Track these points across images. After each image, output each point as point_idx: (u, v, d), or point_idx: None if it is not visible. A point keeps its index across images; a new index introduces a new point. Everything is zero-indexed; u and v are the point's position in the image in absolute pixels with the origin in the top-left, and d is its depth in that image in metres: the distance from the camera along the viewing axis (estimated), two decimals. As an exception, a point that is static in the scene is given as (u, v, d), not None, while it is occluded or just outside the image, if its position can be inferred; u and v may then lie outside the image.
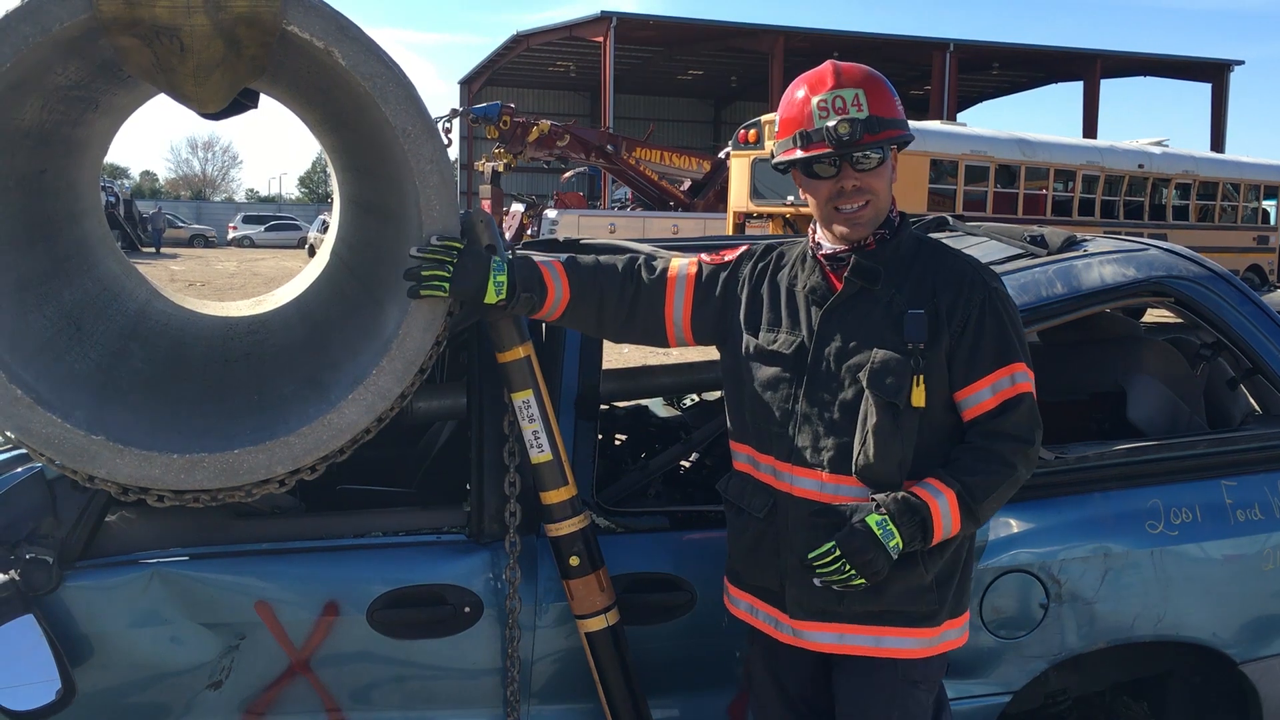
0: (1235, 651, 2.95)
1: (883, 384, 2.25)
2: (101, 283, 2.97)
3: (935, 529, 2.24)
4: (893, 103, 2.33)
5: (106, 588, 2.51)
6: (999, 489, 2.28)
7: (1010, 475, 2.28)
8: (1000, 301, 2.33)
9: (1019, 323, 2.36)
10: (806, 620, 2.38)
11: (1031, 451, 2.31)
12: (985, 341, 2.29)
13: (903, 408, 2.25)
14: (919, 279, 2.33)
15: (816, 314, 2.37)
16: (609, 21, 35.57)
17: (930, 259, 2.37)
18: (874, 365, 2.27)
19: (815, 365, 2.34)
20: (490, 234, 2.54)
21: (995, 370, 2.29)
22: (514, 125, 21.42)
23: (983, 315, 2.30)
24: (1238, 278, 3.23)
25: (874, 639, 2.35)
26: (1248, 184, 22.35)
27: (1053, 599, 2.81)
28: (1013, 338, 2.31)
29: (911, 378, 2.25)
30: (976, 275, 2.34)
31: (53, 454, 2.28)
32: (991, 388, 2.29)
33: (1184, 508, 2.91)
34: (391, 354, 2.39)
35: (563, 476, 2.57)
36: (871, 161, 2.30)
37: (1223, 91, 41.18)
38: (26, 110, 2.32)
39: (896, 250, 2.36)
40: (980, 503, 2.26)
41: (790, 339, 2.38)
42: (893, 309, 2.31)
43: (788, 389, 2.37)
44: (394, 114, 2.29)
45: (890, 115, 2.31)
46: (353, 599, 2.58)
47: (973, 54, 38.09)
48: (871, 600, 2.31)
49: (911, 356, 2.25)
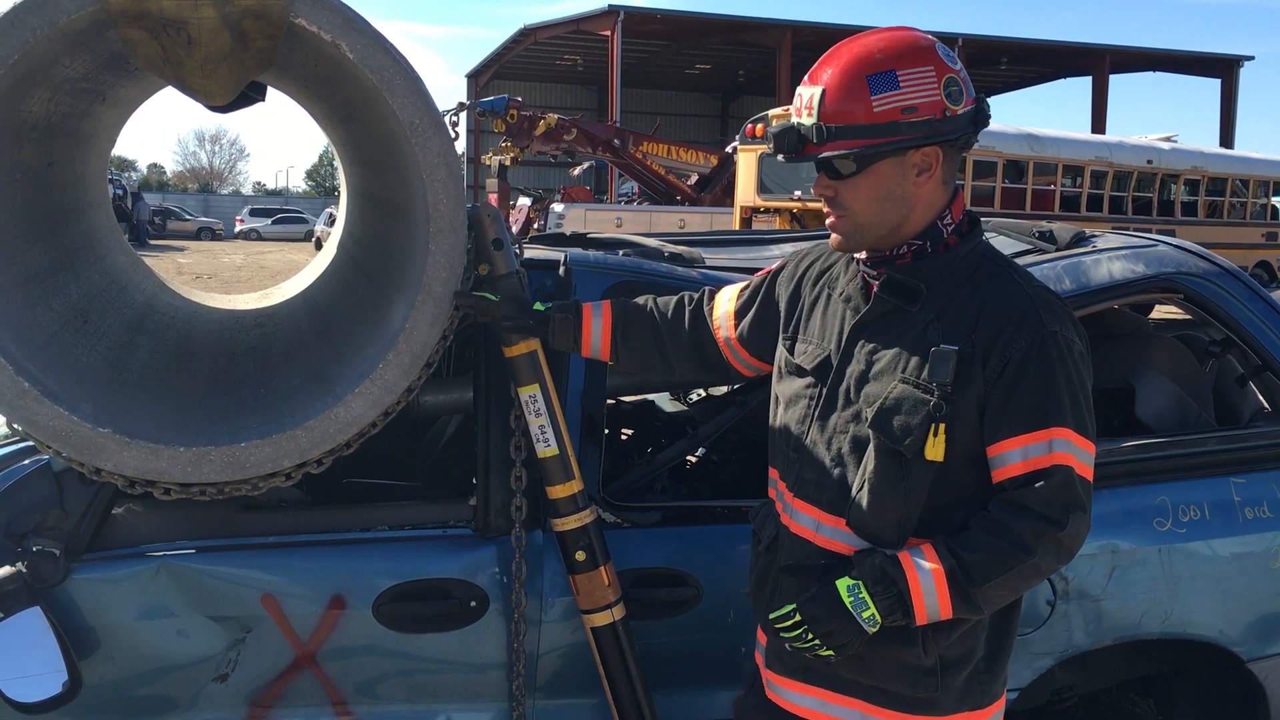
0: (1243, 649, 2.94)
1: (889, 426, 1.94)
2: (109, 275, 2.97)
3: (916, 608, 1.91)
4: (866, 105, 1.90)
5: (113, 580, 2.51)
6: (1006, 575, 1.89)
7: (1024, 561, 1.88)
8: (1057, 349, 1.91)
9: (1078, 380, 1.93)
10: (786, 678, 2.14)
11: (1063, 537, 1.88)
12: (1023, 393, 1.89)
13: (911, 458, 1.93)
14: (964, 305, 1.96)
15: (849, 325, 2.07)
16: (616, 15, 35.50)
17: (986, 282, 1.98)
18: (886, 401, 1.95)
19: (835, 386, 2.06)
20: (497, 228, 2.53)
21: (1030, 431, 1.89)
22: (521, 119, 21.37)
23: (1025, 361, 1.90)
24: (1247, 274, 3.22)
25: (859, 716, 2.05)
26: (1257, 180, 22.29)
27: (1060, 596, 2.80)
28: (1062, 395, 1.90)
29: (929, 425, 1.90)
30: (1031, 312, 1.93)
31: (60, 446, 2.28)
32: (1022, 451, 1.90)
33: (1192, 505, 2.90)
34: (398, 348, 2.38)
35: (569, 471, 2.57)
36: (844, 169, 1.96)
37: (1232, 87, 40.99)
38: (34, 103, 2.32)
39: (947, 266, 1.99)
40: (978, 587, 1.88)
41: (819, 352, 2.11)
42: (926, 338, 1.95)
43: (806, 408, 2.11)
44: (401, 108, 2.28)
45: (851, 121, 1.91)
46: (359, 592, 2.58)
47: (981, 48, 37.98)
48: (858, 670, 2.02)
49: (934, 398, 1.91)
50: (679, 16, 38.61)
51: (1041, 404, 1.90)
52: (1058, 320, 1.94)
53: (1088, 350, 2.00)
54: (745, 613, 2.68)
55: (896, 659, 2.00)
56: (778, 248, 3.80)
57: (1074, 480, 1.90)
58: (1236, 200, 22.01)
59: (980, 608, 1.93)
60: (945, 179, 2.00)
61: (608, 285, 2.80)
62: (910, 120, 1.91)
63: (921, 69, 1.91)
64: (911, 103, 1.91)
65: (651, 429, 4.07)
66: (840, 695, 2.06)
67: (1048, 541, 1.88)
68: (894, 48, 1.93)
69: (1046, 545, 1.88)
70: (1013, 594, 1.95)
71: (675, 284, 2.89)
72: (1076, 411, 1.91)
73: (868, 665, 2.01)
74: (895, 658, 1.99)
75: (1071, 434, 1.90)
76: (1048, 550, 1.89)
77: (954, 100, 1.93)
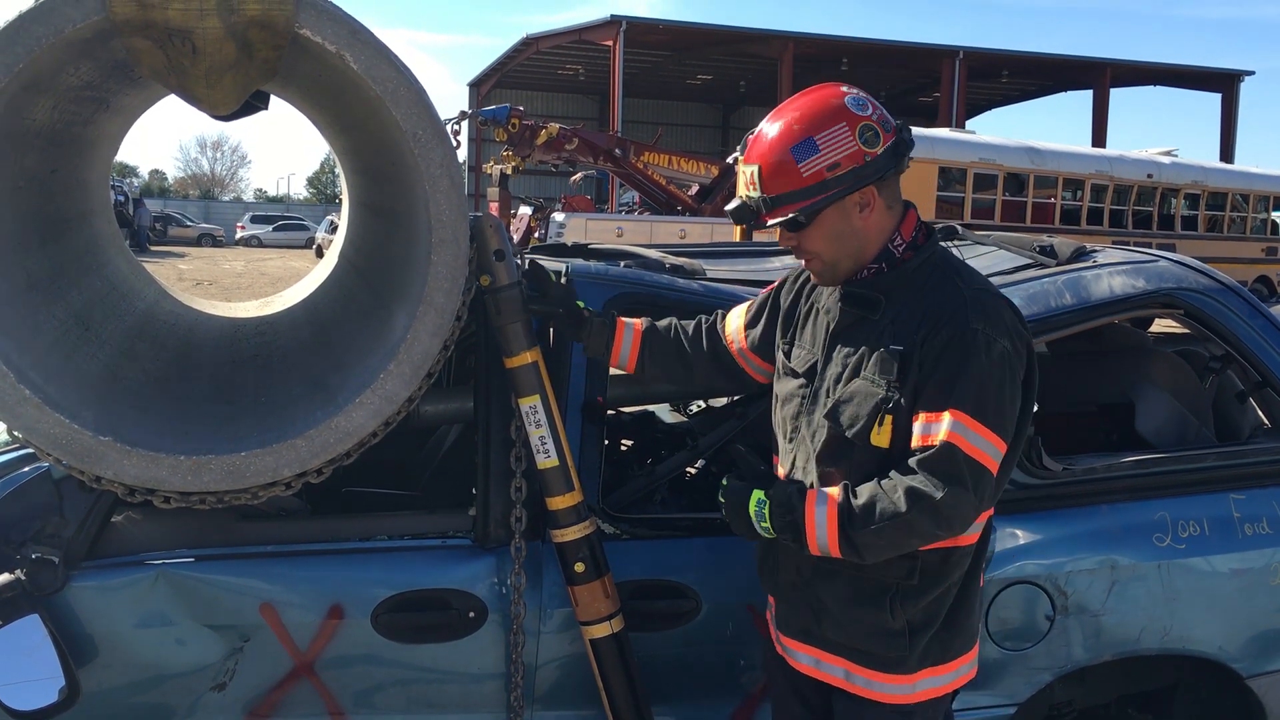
0: (1242, 666, 2.94)
1: (838, 415, 2.23)
2: (110, 282, 2.97)
3: (808, 536, 2.18)
4: (794, 173, 2.17)
5: (112, 588, 2.51)
6: (884, 526, 2.10)
7: (899, 518, 2.08)
8: (975, 344, 2.12)
9: (989, 374, 2.12)
10: (791, 638, 2.41)
11: (939, 505, 2.07)
12: (936, 377, 2.12)
13: (858, 444, 2.20)
14: (913, 309, 2.21)
15: (827, 335, 2.35)
16: (619, 25, 35.55)
17: (935, 288, 2.23)
18: (842, 396, 2.24)
19: (818, 386, 2.33)
20: (499, 238, 2.54)
21: (933, 410, 2.11)
22: (522, 128, 21.39)
23: (944, 351, 2.13)
24: (1247, 290, 3.22)
25: (845, 672, 2.33)
26: (1257, 195, 22.34)
27: (1059, 611, 2.80)
28: (968, 385, 2.10)
29: (877, 414, 2.17)
30: (960, 310, 2.16)
31: (60, 454, 2.28)
32: (923, 426, 2.12)
33: (1191, 521, 2.90)
34: (399, 358, 2.39)
35: (569, 482, 2.57)
36: (795, 226, 2.23)
37: (1233, 102, 41.04)
38: (38, 110, 2.33)
39: (901, 278, 2.25)
40: (858, 530, 2.11)
41: (808, 357, 2.38)
42: (882, 340, 2.21)
43: (798, 406, 2.37)
44: (405, 118, 2.29)
45: (789, 189, 2.18)
46: (358, 602, 2.58)
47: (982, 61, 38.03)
48: (842, 633, 2.30)
49: (883, 392, 2.17)
50: (681, 27, 38.70)
51: (947, 389, 2.11)
52: (984, 319, 2.16)
53: (1020, 352, 2.19)
54: (744, 625, 2.68)
55: (870, 622, 2.26)
56: (778, 260, 3.81)
57: (958, 457, 2.09)
58: (1237, 215, 22.05)
59: (862, 553, 2.14)
60: (889, 205, 2.26)
61: (609, 296, 2.80)
62: (837, 175, 2.18)
63: (835, 128, 2.18)
64: (833, 160, 2.18)
65: (651, 440, 4.06)
66: (830, 654, 2.34)
67: (924, 504, 2.08)
68: (808, 117, 2.20)
69: (922, 507, 2.08)
70: (891, 546, 2.15)
71: (676, 296, 2.89)
72: (979, 401, 2.11)
73: (846, 629, 2.29)
74: (870, 621, 2.26)
75: (966, 418, 2.10)
76: (922, 511, 2.08)
77: (871, 144, 2.19)
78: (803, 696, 2.47)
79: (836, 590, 2.29)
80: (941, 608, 2.29)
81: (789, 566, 2.35)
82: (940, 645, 2.29)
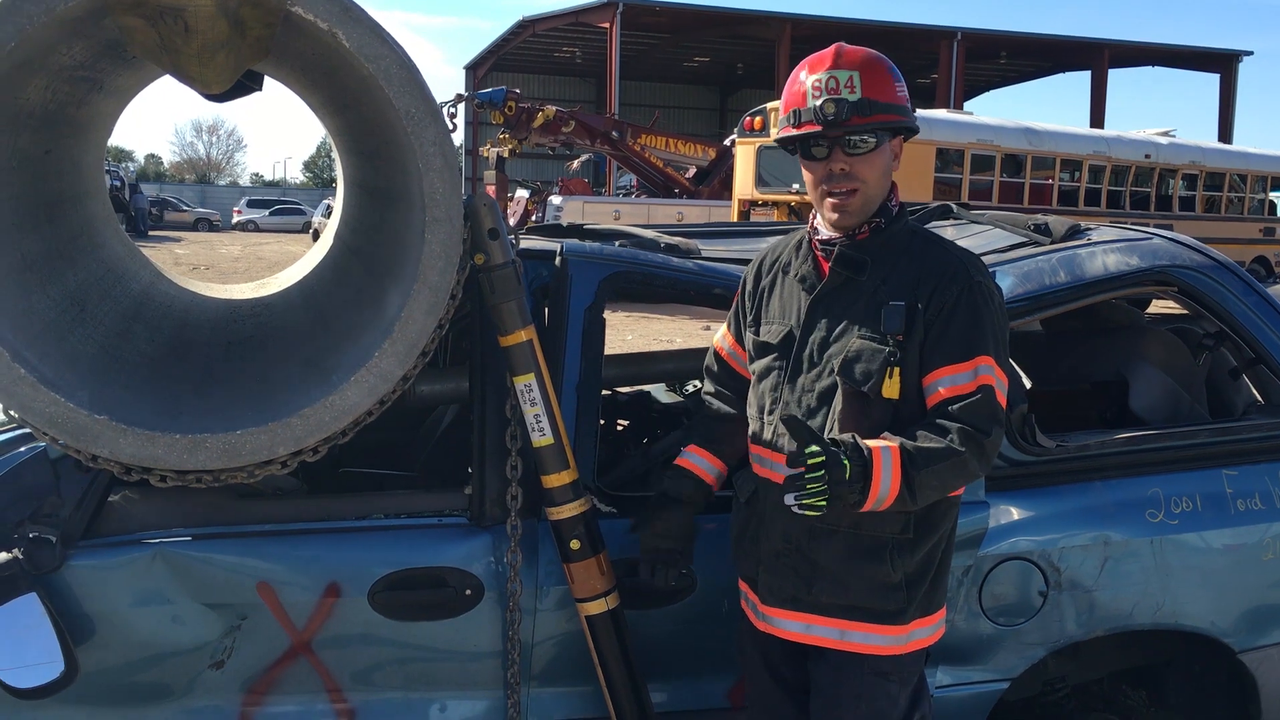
0: (1234, 641, 2.96)
1: (851, 372, 2.27)
2: (105, 264, 2.97)
3: (874, 486, 2.14)
4: (892, 89, 2.29)
5: (109, 567, 2.52)
6: (942, 465, 2.18)
7: (956, 457, 2.19)
8: (980, 295, 2.28)
9: (997, 319, 2.29)
10: (777, 607, 2.41)
11: (986, 444, 2.21)
12: (954, 331, 2.24)
13: (873, 398, 2.25)
14: (904, 270, 2.31)
15: (805, 301, 2.39)
16: (615, 7, 35.46)
17: (920, 251, 2.34)
18: (848, 354, 2.28)
19: (799, 352, 2.36)
20: (493, 218, 2.54)
21: (958, 362, 2.23)
22: (519, 111, 21.36)
23: (956, 305, 2.25)
24: (1241, 268, 3.23)
25: (839, 632, 2.35)
26: (1255, 175, 22.30)
27: (1052, 587, 2.82)
28: (986, 331, 2.25)
29: (886, 369, 2.24)
30: (960, 267, 2.30)
31: (56, 433, 2.29)
32: (951, 378, 2.24)
33: (1184, 497, 2.92)
34: (394, 337, 2.39)
35: (564, 460, 2.58)
36: (864, 146, 2.28)
37: (1231, 82, 41.01)
38: (31, 90, 2.32)
39: (887, 241, 2.34)
40: (920, 470, 2.17)
41: (781, 328, 2.42)
42: (876, 299, 2.29)
43: (776, 377, 2.41)
44: (398, 96, 2.29)
45: (887, 100, 2.27)
46: (354, 581, 2.59)
47: (980, 43, 37.95)
48: (838, 593, 2.33)
49: (888, 347, 2.25)
50: (678, 9, 38.55)
51: (969, 338, 2.24)
52: (982, 274, 2.31)
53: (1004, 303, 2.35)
54: (739, 602, 2.70)
55: (870, 578, 2.31)
56: (772, 239, 3.81)
57: (994, 399, 2.24)
58: (1234, 195, 22.02)
59: (917, 496, 2.19)
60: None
61: (604, 275, 2.81)
62: (909, 109, 2.33)
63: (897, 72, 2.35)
64: (907, 96, 2.35)
65: (647, 419, 4.08)
66: (821, 617, 2.36)
67: (974, 445, 2.19)
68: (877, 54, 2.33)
69: (973, 448, 2.19)
70: (942, 488, 2.23)
71: (671, 275, 2.90)
72: (997, 346, 2.27)
73: (845, 586, 2.32)
74: (870, 577, 2.31)
75: (990, 360, 2.24)
76: (974, 452, 2.20)
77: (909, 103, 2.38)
78: (775, 672, 2.50)
79: (834, 549, 2.32)
80: (933, 559, 2.37)
81: (774, 535, 2.38)
82: (927, 597, 2.38)
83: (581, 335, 2.77)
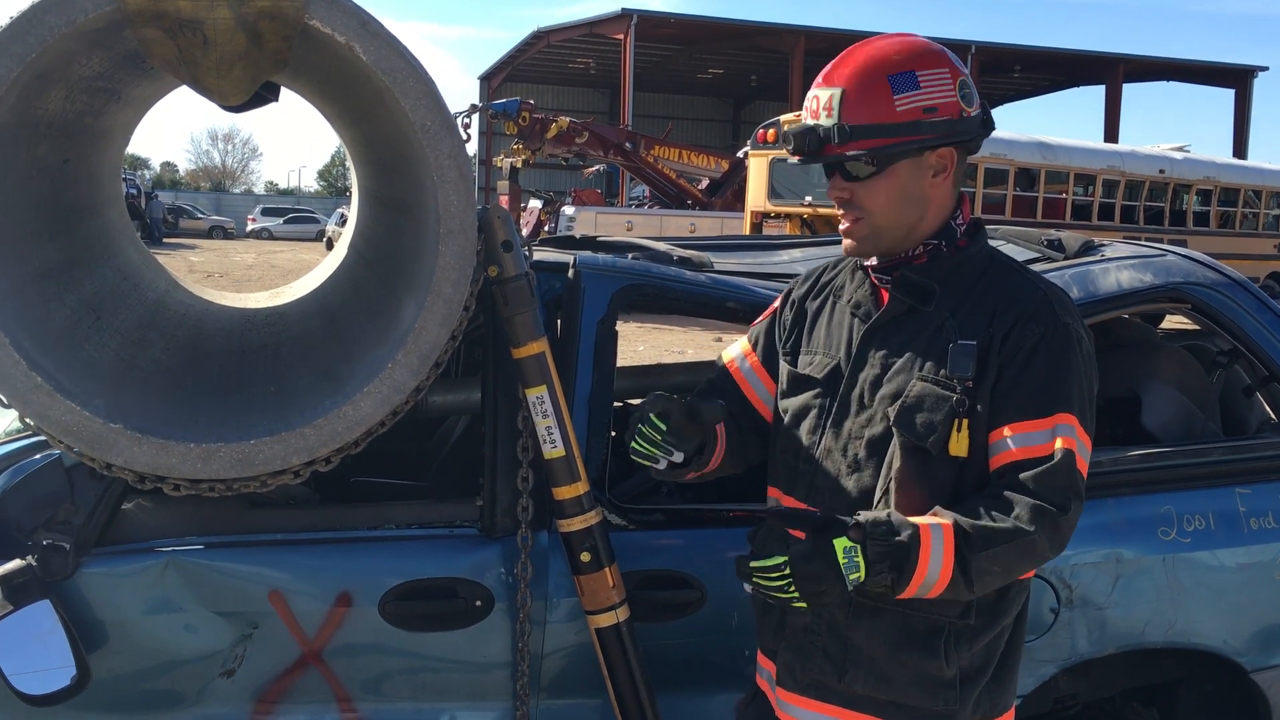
0: (1246, 660, 2.94)
1: (911, 423, 1.91)
2: (121, 272, 2.99)
3: (918, 572, 1.82)
4: (887, 105, 1.92)
5: (122, 574, 2.53)
6: (1004, 548, 1.82)
7: (1023, 538, 1.82)
8: (1068, 339, 1.91)
9: (1086, 371, 1.93)
10: (797, 693, 2.07)
11: (1062, 522, 1.84)
12: (1032, 380, 1.89)
13: (935, 454, 1.91)
14: (978, 302, 1.96)
15: (859, 332, 2.06)
16: (630, 19, 35.59)
17: (996, 279, 2.00)
18: (907, 400, 1.93)
19: (847, 391, 2.03)
20: (507, 230, 2.55)
21: (1035, 418, 1.87)
22: (533, 121, 21.44)
23: (1036, 349, 1.89)
24: (1255, 285, 3.22)
25: None
26: (1269, 191, 22.23)
27: (1064, 604, 2.80)
28: (1071, 384, 1.89)
29: (952, 421, 1.89)
30: (1045, 303, 1.94)
31: (71, 441, 2.30)
32: (1024, 436, 1.87)
33: (1197, 515, 2.90)
34: (407, 348, 2.40)
35: (575, 472, 2.58)
36: (864, 171, 1.96)
37: (1246, 97, 40.91)
38: (51, 100, 2.34)
39: (959, 266, 2.01)
40: (977, 553, 1.82)
41: (826, 361, 2.10)
42: (942, 335, 1.95)
43: (816, 418, 2.07)
44: (414, 109, 2.30)
45: (876, 120, 1.92)
46: (365, 590, 2.60)
47: (994, 56, 37.99)
48: (876, 685, 1.98)
49: (955, 394, 1.90)
50: (692, 21, 38.73)
51: (1050, 390, 1.89)
52: (1070, 315, 1.96)
53: (1094, 353, 2.00)
54: (749, 616, 2.69)
55: (918, 671, 1.96)
56: (786, 253, 3.82)
57: (1074, 466, 1.87)
58: (1249, 211, 21.95)
59: (974, 583, 1.85)
60: (957, 181, 2.03)
61: (617, 288, 2.81)
62: (931, 120, 1.93)
63: (938, 70, 1.95)
64: (932, 103, 1.93)
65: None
66: (853, 712, 2.02)
67: (1047, 522, 1.83)
68: (910, 50, 1.96)
69: (1045, 526, 1.83)
70: (1005, 574, 1.89)
71: (684, 288, 2.90)
72: (1082, 402, 1.91)
73: (886, 679, 1.98)
74: (917, 669, 1.96)
75: (1072, 420, 1.88)
76: (1045, 531, 1.84)
77: (967, 102, 1.97)
78: None
79: (878, 632, 1.97)
80: (995, 652, 2.02)
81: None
82: (989, 699, 2.02)
83: (594, 348, 2.78)
